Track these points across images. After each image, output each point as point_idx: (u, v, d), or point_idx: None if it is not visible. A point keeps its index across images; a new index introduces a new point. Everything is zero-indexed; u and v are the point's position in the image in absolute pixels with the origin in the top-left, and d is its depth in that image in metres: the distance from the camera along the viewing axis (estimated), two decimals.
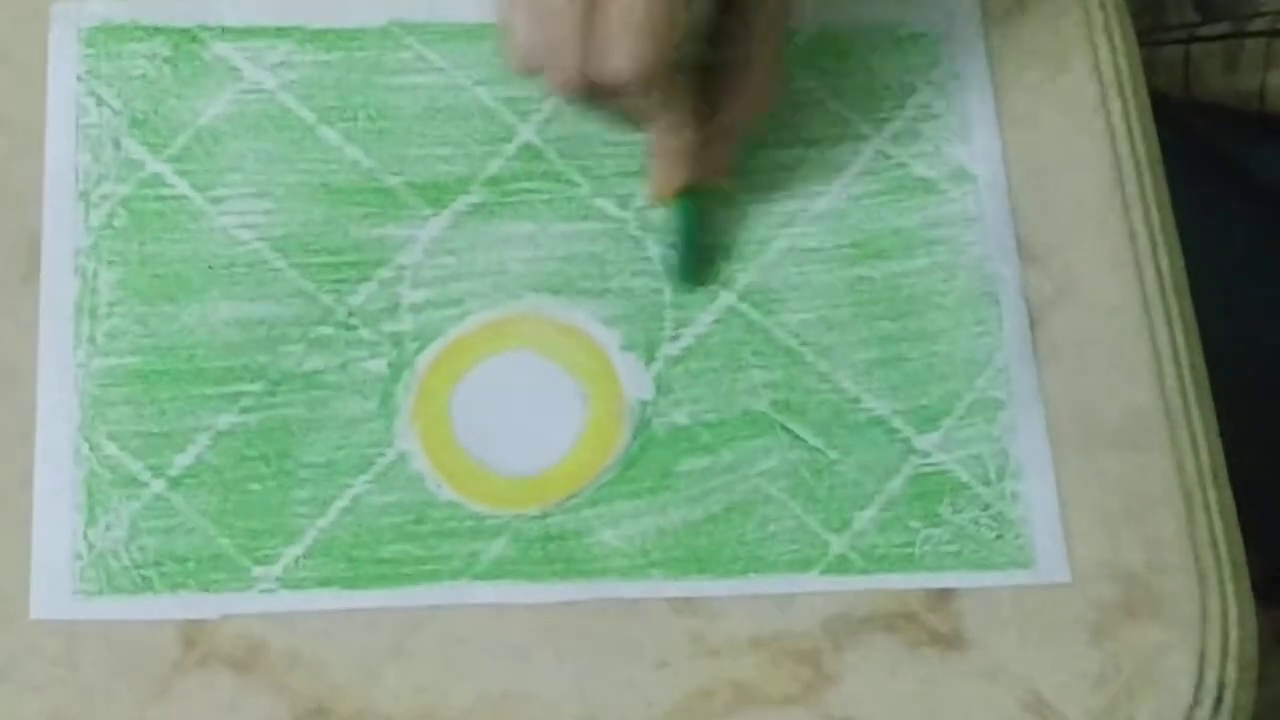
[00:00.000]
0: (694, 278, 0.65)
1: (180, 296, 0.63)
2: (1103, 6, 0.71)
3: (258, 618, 0.60)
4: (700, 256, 0.65)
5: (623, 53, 0.54)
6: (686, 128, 0.61)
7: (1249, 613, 0.63)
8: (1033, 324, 0.66)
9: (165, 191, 0.64)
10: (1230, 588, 0.63)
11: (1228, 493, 0.65)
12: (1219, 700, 0.61)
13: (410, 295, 0.64)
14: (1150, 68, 0.73)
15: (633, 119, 0.61)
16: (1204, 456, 0.65)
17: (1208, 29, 0.88)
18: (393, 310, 0.64)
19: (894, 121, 0.69)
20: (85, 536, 0.60)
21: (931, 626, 0.62)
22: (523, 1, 0.55)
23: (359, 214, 0.65)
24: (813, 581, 0.62)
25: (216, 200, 0.64)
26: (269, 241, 0.64)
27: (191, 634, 0.60)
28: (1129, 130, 0.69)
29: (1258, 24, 0.86)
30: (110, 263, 0.63)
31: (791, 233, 0.66)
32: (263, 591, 0.60)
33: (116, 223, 0.64)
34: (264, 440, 0.62)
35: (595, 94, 0.56)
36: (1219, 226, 0.81)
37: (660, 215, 0.66)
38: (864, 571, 0.62)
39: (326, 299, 0.64)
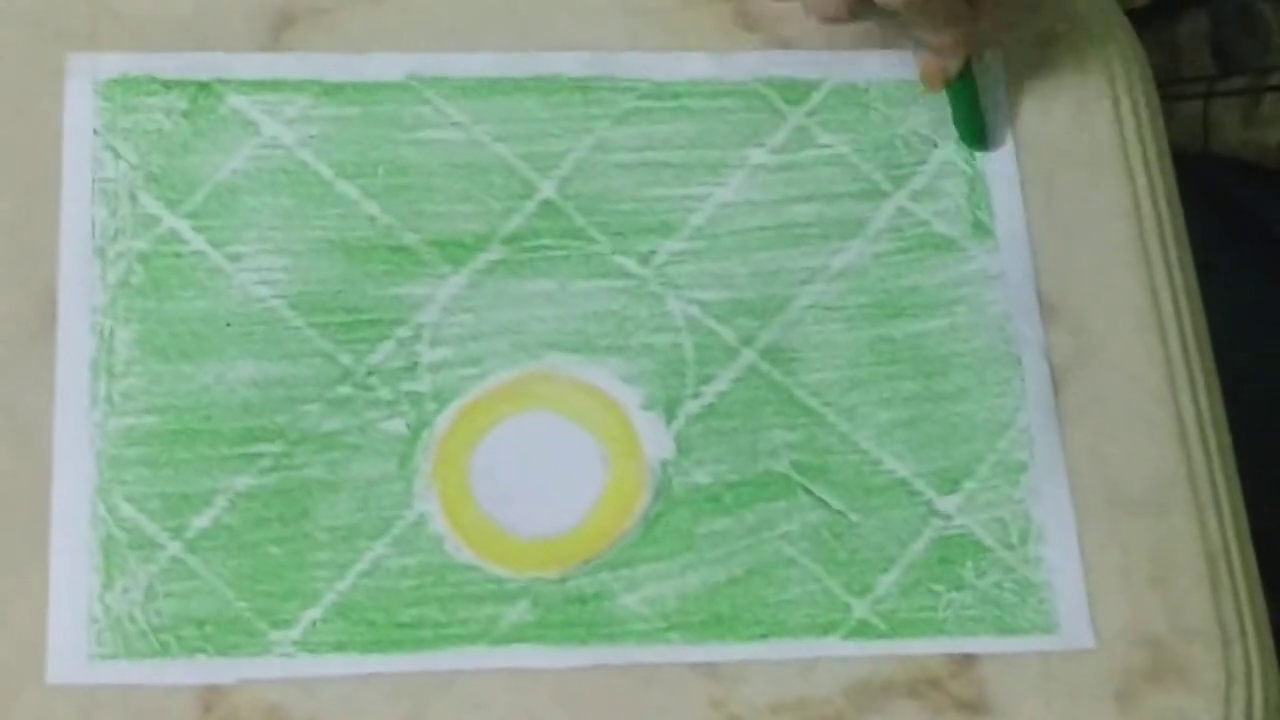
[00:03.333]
0: (986, 143, 0.68)
1: (198, 355, 0.63)
2: (1124, 62, 0.71)
3: (275, 682, 0.59)
4: (983, 122, 0.68)
5: None
6: (953, 21, 0.63)
7: (1273, 673, 0.63)
8: (1055, 385, 0.65)
9: (182, 248, 0.64)
10: (1255, 649, 0.63)
11: (1251, 554, 0.65)
12: None
13: (429, 354, 0.64)
14: (1168, 122, 0.72)
15: (896, 23, 0.64)
16: (1227, 518, 0.65)
17: (1226, 84, 0.88)
18: (411, 370, 0.63)
19: (915, 178, 0.68)
20: (102, 600, 0.59)
21: (955, 693, 0.61)
22: None
23: (377, 272, 0.64)
24: (835, 646, 0.62)
25: (234, 257, 0.64)
26: (286, 299, 0.64)
27: (209, 699, 0.59)
28: (1151, 187, 0.69)
29: (1276, 78, 0.86)
30: (127, 320, 0.63)
31: (812, 290, 0.66)
32: (280, 656, 0.60)
33: (133, 279, 0.63)
34: (282, 502, 0.61)
35: (862, 14, 0.59)
36: (1237, 281, 0.81)
37: (683, 271, 0.66)
38: (886, 636, 0.62)
39: (345, 358, 0.63)
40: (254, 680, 0.59)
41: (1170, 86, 0.84)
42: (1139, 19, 0.74)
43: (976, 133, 0.68)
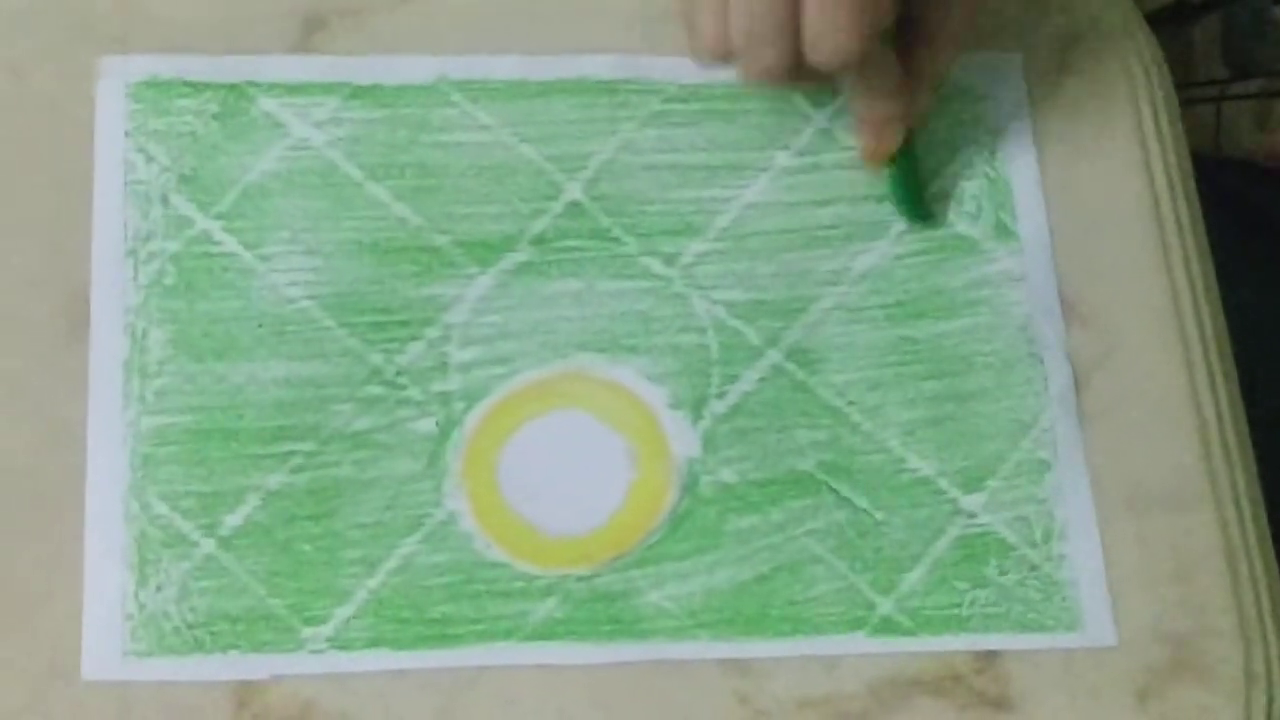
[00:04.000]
0: (927, 217, 0.67)
1: (230, 355, 0.63)
2: (1144, 65, 0.72)
3: (308, 678, 0.60)
4: (923, 198, 0.67)
5: (834, 40, 0.56)
6: (894, 94, 0.63)
7: None
8: (1078, 385, 0.66)
9: (214, 249, 0.65)
10: (1275, 647, 0.64)
11: (1271, 553, 0.65)
12: None
13: (458, 354, 0.64)
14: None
15: (830, 89, 0.65)
16: (1248, 517, 0.65)
17: (1239, 87, 0.88)
18: (441, 369, 0.64)
19: (937, 180, 0.69)
20: (136, 597, 0.60)
21: (979, 689, 0.62)
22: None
23: (407, 272, 0.65)
24: (860, 643, 0.62)
25: (265, 258, 0.65)
26: (317, 300, 0.64)
27: (243, 694, 0.60)
28: (1170, 189, 0.70)
29: None
30: (160, 321, 0.63)
31: (836, 291, 0.67)
32: (313, 652, 0.60)
33: (166, 280, 0.64)
34: (314, 500, 0.62)
35: (798, 78, 0.58)
36: (1252, 284, 0.82)
37: (708, 272, 0.66)
38: (911, 633, 0.62)
39: (375, 358, 0.64)
40: (287, 676, 0.60)
41: (1184, 90, 0.84)
42: (1153, 23, 0.74)
43: (918, 209, 0.67)
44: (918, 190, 0.68)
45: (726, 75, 0.65)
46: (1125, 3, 0.73)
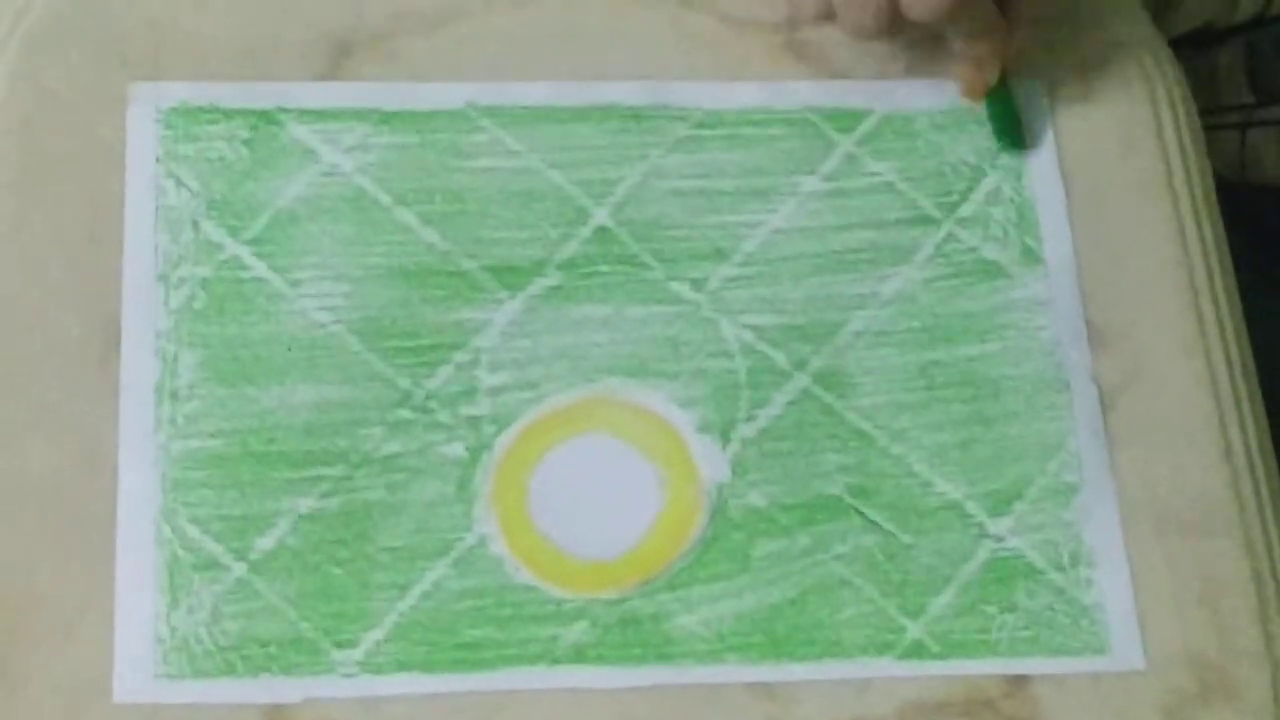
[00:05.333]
0: (1022, 144, 0.70)
1: (260, 379, 0.64)
2: (1168, 88, 0.72)
3: (339, 701, 0.60)
4: (1020, 126, 0.70)
5: None
6: (991, 32, 0.66)
7: None
8: (1104, 408, 0.66)
9: (244, 274, 0.65)
10: None
11: None
12: None
13: (487, 379, 0.64)
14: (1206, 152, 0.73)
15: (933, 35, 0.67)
16: (1275, 541, 0.65)
17: (1263, 113, 0.88)
18: (470, 394, 0.64)
19: (963, 205, 0.69)
20: (168, 620, 0.60)
21: (1008, 713, 0.62)
22: None
23: (436, 297, 0.65)
24: (889, 666, 0.62)
25: (295, 283, 0.65)
26: (347, 324, 0.65)
27: (274, 717, 0.60)
28: (1195, 212, 0.70)
29: None
30: (190, 345, 0.64)
31: (863, 315, 0.67)
32: (344, 675, 0.60)
33: (196, 304, 0.64)
34: (344, 524, 0.62)
35: (897, 32, 0.62)
36: (1277, 311, 0.82)
37: (736, 297, 0.67)
38: (940, 657, 0.62)
39: (404, 382, 0.64)
40: (318, 699, 0.60)
41: (1208, 116, 0.84)
42: (1177, 49, 0.75)
43: (1015, 137, 0.70)
44: (1015, 119, 0.70)
45: (753, 99, 0.66)
46: (1148, 28, 0.73)
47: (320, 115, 0.68)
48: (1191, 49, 0.91)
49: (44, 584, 0.60)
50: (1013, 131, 0.70)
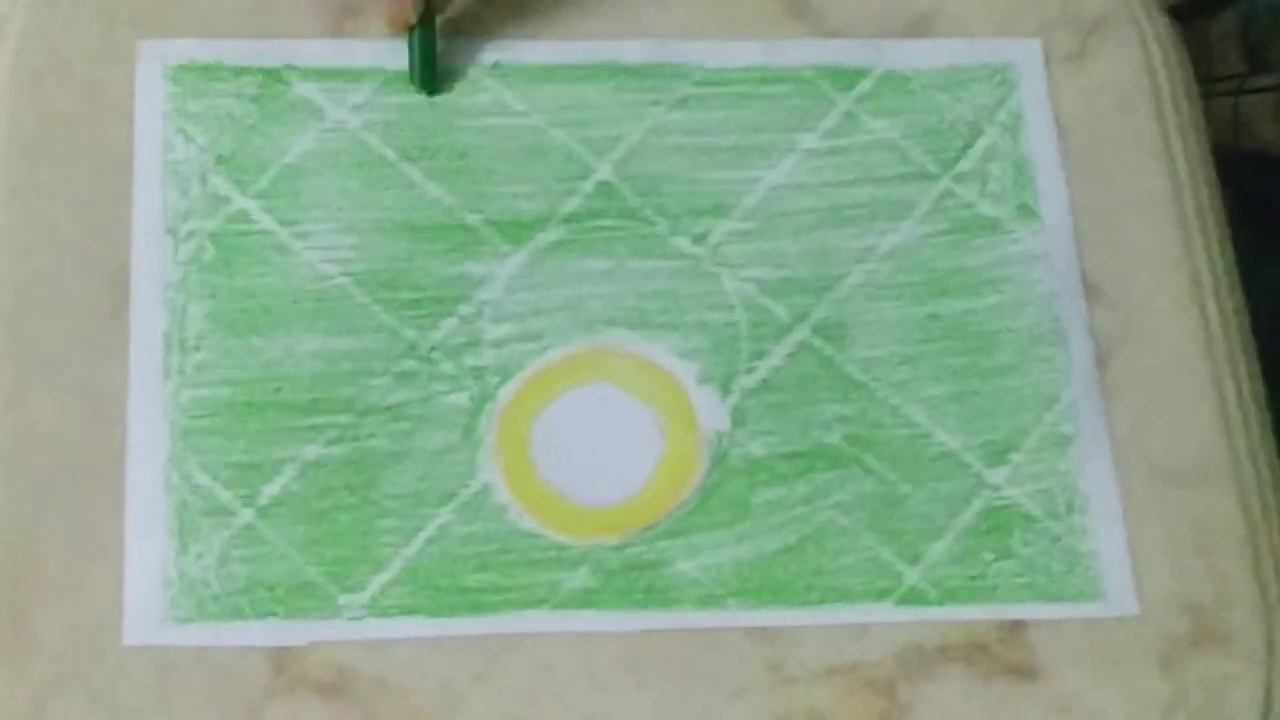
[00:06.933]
0: (433, 89, 0.69)
1: (267, 330, 0.64)
2: (1163, 50, 0.73)
3: (345, 645, 0.61)
4: (434, 68, 0.69)
5: None
6: None
7: None
8: (1100, 361, 0.67)
9: (251, 227, 0.66)
10: None
11: None
12: None
13: (491, 330, 0.65)
14: None
15: None
16: (1268, 491, 0.66)
17: (1256, 81, 0.89)
18: (474, 345, 0.65)
19: (961, 162, 0.70)
20: (176, 564, 0.61)
21: (1004, 657, 0.63)
22: None
23: (440, 250, 0.66)
24: (887, 612, 0.63)
25: (301, 236, 0.66)
26: (353, 276, 0.65)
27: (281, 660, 0.61)
28: (1190, 171, 0.71)
29: None
30: (199, 296, 0.65)
31: (862, 269, 0.68)
32: (350, 619, 0.61)
33: (204, 257, 0.65)
34: (350, 471, 0.63)
35: None
36: (1268, 275, 0.82)
37: (736, 251, 0.67)
38: (937, 603, 0.63)
39: (409, 333, 0.65)
40: (324, 642, 0.61)
41: (1202, 84, 0.85)
42: (1171, 18, 0.75)
43: (426, 77, 0.69)
44: (431, 63, 0.69)
45: (754, 57, 0.67)
46: None
47: (325, 74, 0.69)
48: (1185, 18, 0.92)
49: (55, 530, 0.61)
50: (424, 71, 0.69)
